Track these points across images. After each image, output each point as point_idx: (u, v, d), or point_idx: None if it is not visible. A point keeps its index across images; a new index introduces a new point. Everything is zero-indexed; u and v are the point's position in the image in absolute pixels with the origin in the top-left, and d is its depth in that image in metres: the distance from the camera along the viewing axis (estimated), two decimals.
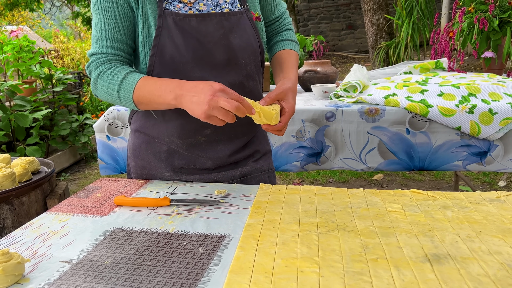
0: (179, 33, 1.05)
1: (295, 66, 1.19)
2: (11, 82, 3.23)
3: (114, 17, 1.04)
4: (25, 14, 22.01)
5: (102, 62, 1.06)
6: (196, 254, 0.78)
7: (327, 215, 0.91)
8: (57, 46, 6.16)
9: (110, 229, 0.90)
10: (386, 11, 5.98)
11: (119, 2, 1.04)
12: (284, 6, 1.28)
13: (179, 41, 1.05)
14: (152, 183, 1.17)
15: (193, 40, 1.06)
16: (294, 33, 1.29)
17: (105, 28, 1.05)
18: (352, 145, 1.71)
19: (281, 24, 1.28)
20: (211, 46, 1.07)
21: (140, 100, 1.03)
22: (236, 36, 1.10)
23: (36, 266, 0.76)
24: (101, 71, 1.05)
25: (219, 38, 1.07)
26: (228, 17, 1.09)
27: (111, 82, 1.04)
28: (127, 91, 1.03)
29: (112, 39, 1.05)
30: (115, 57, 1.07)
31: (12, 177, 1.09)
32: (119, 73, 1.04)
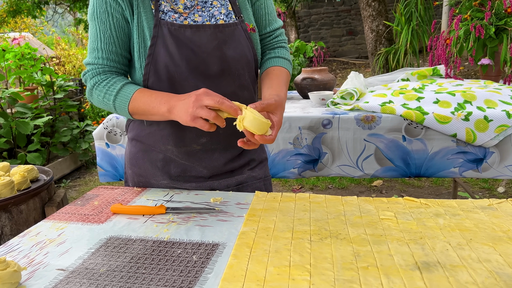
0: (173, 43, 1.07)
1: (285, 84, 1.17)
2: (12, 90, 3.26)
3: (110, 29, 1.08)
4: (28, 21, 22.16)
5: (97, 73, 1.10)
6: (190, 262, 0.79)
7: (320, 223, 0.92)
8: (59, 53, 6.20)
9: (106, 237, 0.91)
10: (385, 17, 6.01)
11: (114, 14, 1.07)
12: (278, 23, 1.26)
13: (174, 51, 1.07)
14: (148, 191, 1.19)
15: (188, 50, 1.08)
16: (288, 52, 1.27)
17: (101, 39, 1.08)
18: (349, 152, 1.73)
19: (273, 40, 1.26)
20: (205, 57, 1.09)
21: (135, 111, 1.08)
22: (230, 47, 1.11)
23: (32, 274, 0.77)
24: (97, 81, 1.09)
25: (213, 49, 1.09)
26: (222, 29, 1.11)
27: (107, 93, 1.08)
28: (123, 102, 1.07)
29: (107, 51, 1.09)
30: (111, 68, 1.11)
31: (10, 185, 1.10)
32: (115, 84, 1.08)
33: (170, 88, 1.09)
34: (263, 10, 1.22)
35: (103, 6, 1.07)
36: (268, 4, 1.23)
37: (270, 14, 1.24)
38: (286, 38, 1.29)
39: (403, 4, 5.33)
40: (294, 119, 1.74)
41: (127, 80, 1.12)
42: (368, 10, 5.98)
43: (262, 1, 1.21)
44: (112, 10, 1.07)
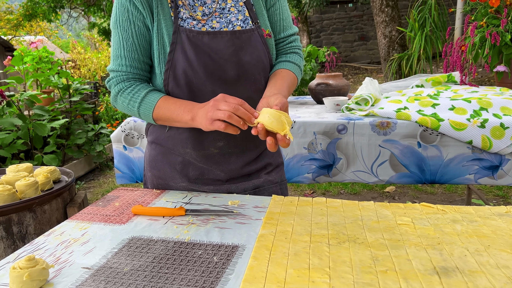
0: (191, 49, 1.10)
1: (288, 86, 1.16)
2: (30, 92, 3.33)
3: (132, 36, 1.11)
4: (43, 24, 22.56)
5: (121, 80, 1.14)
6: (211, 263, 0.81)
7: (338, 227, 0.94)
8: (75, 57, 6.31)
9: (128, 237, 0.93)
10: (398, 23, 6.00)
11: (136, 22, 1.11)
12: (293, 30, 1.28)
13: (192, 57, 1.10)
14: (167, 193, 1.21)
15: (205, 56, 1.10)
16: (300, 58, 1.28)
17: (124, 47, 1.12)
18: (363, 157, 1.73)
19: (286, 46, 1.27)
20: (222, 62, 1.11)
21: (159, 118, 1.12)
22: (247, 53, 1.14)
23: (59, 272, 0.79)
24: (121, 88, 1.14)
25: (230, 54, 1.12)
26: (239, 35, 1.13)
27: (132, 100, 1.12)
28: (147, 109, 1.11)
29: (130, 58, 1.13)
30: (134, 75, 1.15)
31: (35, 186, 1.13)
32: (139, 91, 1.12)
33: (188, 92, 1.12)
34: (278, 16, 1.24)
35: (125, 14, 1.10)
36: (283, 10, 1.25)
37: (285, 20, 1.25)
38: (300, 44, 1.31)
39: (416, 10, 5.32)
40: (309, 124, 1.75)
41: (151, 87, 1.15)
42: (381, 16, 5.98)
43: (277, 6, 1.23)
44: (134, 18, 1.10)
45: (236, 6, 1.16)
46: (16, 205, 1.06)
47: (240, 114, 0.94)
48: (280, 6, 1.24)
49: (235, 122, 0.94)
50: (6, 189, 1.07)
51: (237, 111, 0.94)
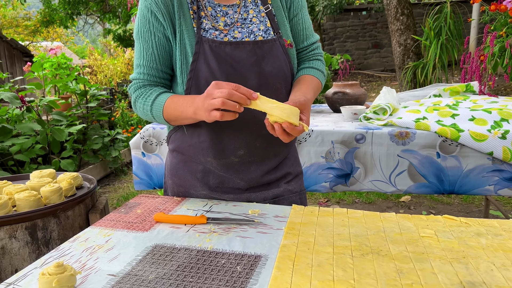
0: (214, 59, 1.11)
1: (313, 90, 1.18)
2: (49, 98, 3.39)
3: (151, 47, 1.14)
4: (60, 30, 22.99)
5: (139, 87, 1.17)
6: (234, 273, 0.82)
7: (360, 239, 0.93)
8: (92, 63, 6.42)
9: (151, 244, 0.94)
10: (413, 31, 5.97)
11: (156, 33, 1.13)
12: (315, 38, 1.30)
13: (214, 66, 1.11)
14: (188, 200, 1.22)
15: (227, 66, 1.12)
16: (323, 65, 1.29)
17: (143, 57, 1.15)
18: (381, 167, 1.73)
19: (309, 53, 1.29)
20: (244, 72, 1.13)
21: (169, 117, 1.14)
22: (268, 62, 1.15)
23: (85, 278, 0.81)
24: (138, 94, 1.17)
25: (251, 64, 1.13)
26: (261, 45, 1.14)
27: (145, 104, 1.15)
28: (158, 110, 1.13)
29: (148, 67, 1.16)
30: (150, 82, 1.18)
31: (59, 192, 1.15)
32: (151, 95, 1.15)
33: None
34: (301, 25, 1.25)
35: (146, 26, 1.13)
36: (305, 19, 1.26)
37: (307, 28, 1.27)
38: (322, 52, 1.32)
39: (432, 18, 5.29)
40: (327, 133, 1.75)
41: (162, 90, 1.17)
42: (396, 24, 5.96)
43: (300, 16, 1.24)
44: (155, 29, 1.13)
45: (258, 17, 1.18)
46: (41, 211, 1.08)
47: (235, 99, 0.94)
48: (302, 15, 1.25)
49: (230, 107, 0.94)
50: (32, 195, 1.10)
51: (231, 96, 0.93)
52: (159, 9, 1.11)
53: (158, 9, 1.11)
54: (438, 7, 5.37)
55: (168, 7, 1.12)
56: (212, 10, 1.16)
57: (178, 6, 1.12)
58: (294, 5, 1.23)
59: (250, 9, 1.18)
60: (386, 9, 6.07)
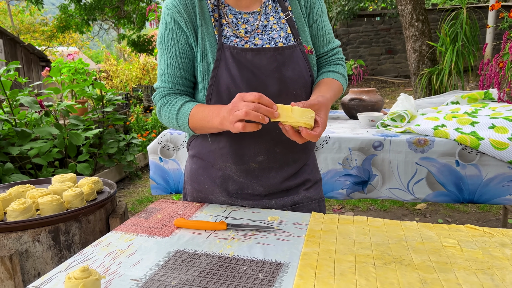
0: (235, 65, 1.12)
1: (333, 90, 1.18)
2: (67, 103, 3.44)
3: (175, 55, 1.15)
4: (75, 36, 23.38)
5: (164, 95, 1.19)
6: (256, 280, 0.82)
7: (382, 248, 0.93)
8: (108, 68, 6.51)
9: (173, 250, 0.95)
10: (429, 37, 5.93)
11: (179, 41, 1.15)
12: (336, 43, 1.30)
13: (235, 73, 1.12)
14: (207, 206, 1.23)
15: (248, 72, 1.12)
16: (344, 69, 1.29)
17: (167, 65, 1.17)
18: (399, 175, 1.71)
19: (330, 58, 1.30)
20: (265, 78, 1.13)
21: (194, 126, 1.15)
22: (289, 69, 1.15)
23: (109, 283, 0.81)
24: (163, 103, 1.18)
25: (272, 70, 1.14)
26: (282, 51, 1.15)
27: (171, 112, 1.16)
28: (183, 119, 1.14)
29: (172, 75, 1.17)
30: (175, 90, 1.19)
31: (81, 196, 1.17)
32: (176, 104, 1.16)
33: None
34: (321, 31, 1.25)
35: (169, 34, 1.15)
36: (325, 25, 1.26)
37: (327, 34, 1.27)
38: (343, 56, 1.32)
39: (448, 24, 5.25)
40: (344, 139, 1.75)
41: (187, 99, 1.18)
42: (411, 30, 5.92)
43: (320, 22, 1.25)
44: (178, 38, 1.15)
45: (278, 24, 1.18)
46: (63, 215, 1.09)
47: (260, 112, 0.95)
48: (322, 21, 1.25)
49: (253, 118, 0.95)
50: (55, 199, 1.11)
51: (258, 109, 0.94)
52: (182, 17, 1.13)
53: (181, 18, 1.13)
54: (454, 13, 5.33)
55: (191, 15, 1.13)
56: (233, 18, 1.17)
57: (200, 14, 1.14)
58: (313, 11, 1.24)
59: (271, 16, 1.19)
60: (401, 15, 6.04)
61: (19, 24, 22.37)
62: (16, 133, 3.02)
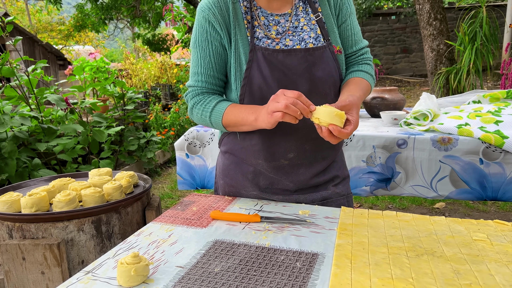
0: (267, 66, 1.17)
1: (362, 90, 1.21)
2: (91, 100, 3.53)
3: (208, 55, 1.20)
4: (91, 35, 23.70)
5: (196, 94, 1.24)
6: (294, 269, 0.86)
7: (413, 240, 0.96)
8: (127, 66, 6.62)
9: (211, 240, 1.00)
10: (447, 36, 5.89)
11: (213, 42, 1.20)
12: (364, 43, 1.33)
13: (267, 73, 1.16)
14: (239, 200, 1.27)
15: (279, 73, 1.17)
16: (372, 68, 1.32)
17: (201, 65, 1.22)
18: (423, 172, 1.74)
19: (358, 58, 1.32)
20: (295, 78, 1.17)
21: (228, 124, 1.19)
22: (319, 68, 1.19)
23: (156, 269, 0.87)
24: (196, 101, 1.23)
25: (302, 71, 1.18)
26: (312, 52, 1.19)
27: (204, 110, 1.21)
28: (217, 117, 1.19)
29: (206, 75, 1.22)
30: (208, 90, 1.24)
31: (120, 189, 1.23)
32: (210, 102, 1.21)
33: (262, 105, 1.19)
34: (349, 31, 1.28)
35: (203, 35, 1.20)
36: (354, 26, 1.29)
37: (355, 34, 1.30)
38: (371, 56, 1.35)
39: (466, 23, 5.21)
40: (368, 137, 1.78)
41: (221, 98, 1.24)
42: (428, 29, 5.89)
43: (348, 22, 1.28)
44: (212, 39, 1.19)
45: (309, 25, 1.22)
46: (105, 207, 1.15)
47: (298, 107, 1.00)
48: (351, 21, 1.28)
49: (291, 112, 1.00)
50: (97, 192, 1.17)
51: (296, 104, 1.00)
52: (216, 19, 1.18)
53: (215, 19, 1.18)
54: (473, 12, 5.29)
55: (224, 17, 1.18)
56: (265, 20, 1.21)
57: (233, 17, 1.18)
58: (342, 12, 1.27)
59: (301, 18, 1.23)
60: (419, 14, 6.01)
61: (37, 23, 22.78)
62: (42, 129, 3.11)
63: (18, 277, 1.09)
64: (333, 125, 1.02)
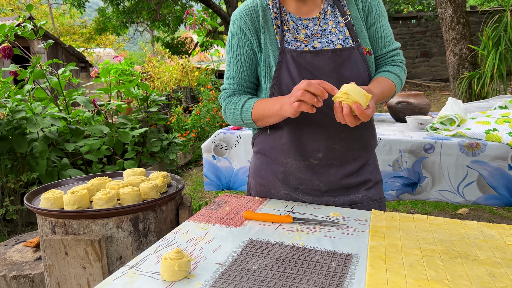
0: (295, 67, 1.21)
1: (382, 88, 1.21)
2: (117, 102, 3.61)
3: (240, 60, 1.28)
4: (112, 38, 24.14)
5: (229, 95, 1.32)
6: (330, 268, 0.88)
7: (446, 244, 0.97)
8: (150, 69, 6.74)
9: (246, 239, 1.03)
10: (470, 41, 5.82)
11: (244, 47, 1.27)
12: (395, 45, 1.33)
13: (295, 74, 1.21)
14: (269, 201, 1.30)
15: (307, 73, 1.21)
16: (402, 70, 1.32)
17: (233, 68, 1.30)
18: (450, 177, 1.74)
19: (388, 60, 1.33)
20: (323, 78, 1.20)
21: (257, 117, 1.25)
22: (347, 69, 1.22)
23: (196, 265, 0.90)
24: (228, 102, 1.31)
25: (330, 71, 1.21)
26: (340, 53, 1.22)
27: (235, 109, 1.28)
28: (247, 112, 1.25)
29: (237, 78, 1.30)
30: (239, 91, 1.31)
31: (156, 189, 1.27)
32: (240, 101, 1.28)
33: None
34: (379, 33, 1.30)
35: (236, 41, 1.28)
36: (384, 28, 1.30)
37: (386, 36, 1.31)
38: (403, 58, 1.34)
39: (490, 27, 5.15)
40: (395, 142, 1.79)
41: (250, 96, 1.30)
42: (451, 33, 5.83)
43: (378, 25, 1.29)
44: (243, 44, 1.27)
45: (337, 27, 1.25)
46: (142, 205, 1.19)
47: (312, 90, 1.03)
48: (380, 24, 1.30)
49: (308, 99, 1.03)
50: (135, 190, 1.22)
51: (309, 87, 1.03)
52: (247, 26, 1.26)
53: (246, 26, 1.26)
54: (497, 16, 5.22)
55: (254, 24, 1.26)
56: (293, 24, 1.26)
57: (263, 23, 1.25)
58: (371, 14, 1.28)
59: (330, 21, 1.26)
60: (441, 18, 5.96)
61: (60, 26, 23.31)
62: (70, 130, 3.20)
63: (60, 271, 1.14)
64: (357, 104, 1.02)
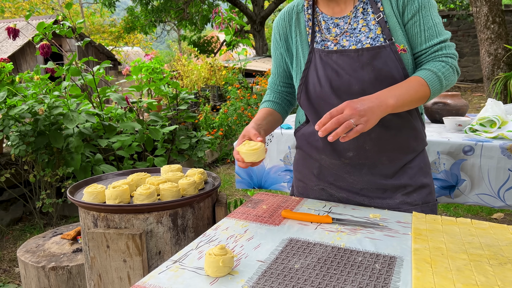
0: (321, 67, 1.23)
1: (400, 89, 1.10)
2: (148, 100, 3.67)
3: (275, 61, 1.42)
4: (140, 36, 24.56)
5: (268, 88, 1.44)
6: (374, 270, 0.87)
7: (494, 249, 0.94)
8: (179, 68, 6.82)
9: (286, 238, 1.03)
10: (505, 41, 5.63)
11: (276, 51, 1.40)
12: (439, 38, 1.18)
13: (321, 73, 1.23)
14: (307, 201, 1.30)
15: (332, 72, 1.21)
16: (445, 66, 1.15)
17: (273, 67, 1.42)
18: (490, 181, 1.69)
19: (430, 56, 1.19)
20: (348, 78, 1.19)
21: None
22: (374, 68, 1.17)
23: (238, 262, 0.90)
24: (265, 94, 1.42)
25: (354, 70, 1.19)
26: (366, 52, 1.18)
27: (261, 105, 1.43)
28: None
29: (274, 74, 1.44)
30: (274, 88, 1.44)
31: (194, 185, 1.28)
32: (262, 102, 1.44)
33: (316, 105, 1.26)
34: (418, 27, 1.18)
35: (274, 44, 1.39)
36: (425, 21, 1.17)
37: (427, 30, 1.18)
38: (450, 52, 1.19)
39: None
40: (433, 143, 1.75)
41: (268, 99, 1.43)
42: (486, 32, 5.66)
43: (417, 18, 1.17)
44: (277, 46, 1.37)
45: (368, 25, 1.20)
46: (182, 201, 1.21)
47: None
48: (420, 17, 1.17)
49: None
50: (174, 186, 1.23)
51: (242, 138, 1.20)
52: (279, 30, 1.36)
53: (277, 31, 1.36)
54: None
55: (285, 28, 1.34)
56: (325, 24, 1.27)
57: (296, 26, 1.31)
58: (407, 8, 1.18)
59: (360, 19, 1.22)
60: (476, 17, 5.79)
61: (90, 25, 23.87)
62: (103, 126, 3.28)
63: (102, 264, 1.17)
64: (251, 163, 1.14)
